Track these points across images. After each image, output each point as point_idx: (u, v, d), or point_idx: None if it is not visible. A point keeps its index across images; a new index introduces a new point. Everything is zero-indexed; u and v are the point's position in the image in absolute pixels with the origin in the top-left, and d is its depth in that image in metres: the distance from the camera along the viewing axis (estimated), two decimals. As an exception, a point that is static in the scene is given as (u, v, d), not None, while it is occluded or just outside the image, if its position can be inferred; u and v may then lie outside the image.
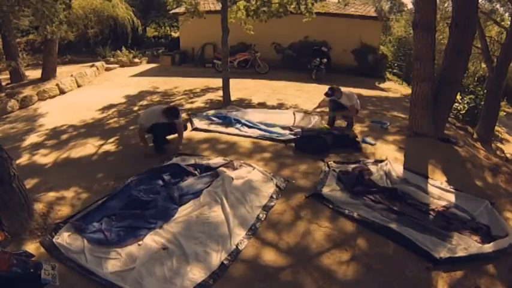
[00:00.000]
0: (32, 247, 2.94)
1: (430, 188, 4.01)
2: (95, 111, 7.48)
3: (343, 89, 5.89)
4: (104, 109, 7.65)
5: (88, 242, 2.99)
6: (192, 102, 7.95)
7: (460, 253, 2.98)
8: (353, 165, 4.40)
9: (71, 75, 10.10)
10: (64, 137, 5.97)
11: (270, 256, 2.97)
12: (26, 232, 3.09)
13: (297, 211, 3.57)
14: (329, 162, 4.47)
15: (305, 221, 3.42)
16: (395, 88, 12.08)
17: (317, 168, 4.45)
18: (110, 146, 5.40)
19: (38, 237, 3.07)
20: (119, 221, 3.30)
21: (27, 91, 8.56)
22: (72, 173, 4.43)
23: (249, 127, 5.73)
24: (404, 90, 11.91)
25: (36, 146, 5.63)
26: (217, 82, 8.45)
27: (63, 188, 3.98)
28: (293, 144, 5.08)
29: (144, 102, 8.14)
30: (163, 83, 10.25)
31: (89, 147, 5.40)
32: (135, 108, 7.74)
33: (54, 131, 6.33)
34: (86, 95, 9.21)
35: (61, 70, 10.56)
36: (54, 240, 3.02)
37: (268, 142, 5.23)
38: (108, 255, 2.87)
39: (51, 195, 3.80)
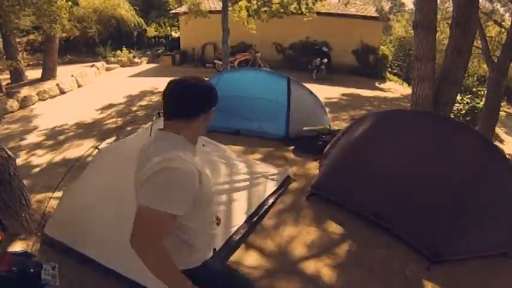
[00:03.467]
0: (31, 247, 2.93)
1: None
2: (94, 111, 7.49)
3: None
4: (103, 109, 7.66)
5: None
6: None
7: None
8: None
9: (72, 75, 10.10)
10: (62, 137, 5.98)
11: (265, 258, 2.95)
12: (26, 232, 3.09)
13: (293, 212, 3.56)
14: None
15: (302, 222, 3.41)
16: (395, 88, 12.08)
17: (307, 169, 4.45)
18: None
19: (37, 237, 3.07)
20: None
21: (28, 91, 8.56)
22: (69, 174, 4.40)
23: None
24: (404, 90, 11.91)
25: (33, 146, 5.64)
26: (218, 82, 8.45)
27: (59, 189, 3.95)
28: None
29: (143, 103, 8.14)
30: (163, 83, 10.19)
31: (86, 147, 5.39)
32: (134, 108, 7.74)
33: (52, 131, 6.35)
34: (86, 95, 9.22)
35: (61, 70, 10.56)
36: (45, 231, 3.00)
37: (259, 142, 5.22)
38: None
39: (48, 195, 3.79)
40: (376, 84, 12.13)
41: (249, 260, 2.92)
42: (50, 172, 4.64)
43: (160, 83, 10.23)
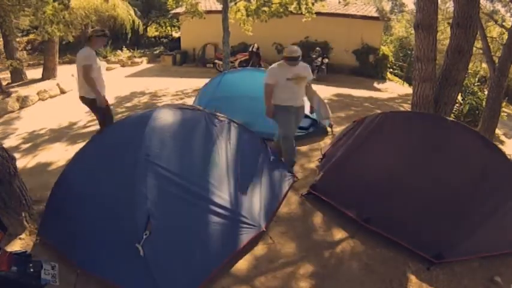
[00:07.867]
0: (31, 247, 2.93)
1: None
2: (85, 112, 7.42)
3: None
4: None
5: None
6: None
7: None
8: None
9: (72, 75, 10.09)
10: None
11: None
12: (26, 232, 3.09)
13: (290, 212, 3.55)
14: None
15: (299, 222, 3.40)
16: (392, 89, 12.06)
17: (307, 170, 4.45)
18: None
19: (37, 237, 3.06)
20: None
21: (28, 91, 8.55)
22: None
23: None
24: (402, 90, 11.90)
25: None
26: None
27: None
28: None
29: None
30: (158, 83, 10.22)
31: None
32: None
33: (50, 131, 6.35)
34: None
35: (61, 70, 10.56)
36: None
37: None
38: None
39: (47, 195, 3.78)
40: (375, 85, 12.11)
41: (239, 264, 2.84)
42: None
43: (156, 83, 10.21)
